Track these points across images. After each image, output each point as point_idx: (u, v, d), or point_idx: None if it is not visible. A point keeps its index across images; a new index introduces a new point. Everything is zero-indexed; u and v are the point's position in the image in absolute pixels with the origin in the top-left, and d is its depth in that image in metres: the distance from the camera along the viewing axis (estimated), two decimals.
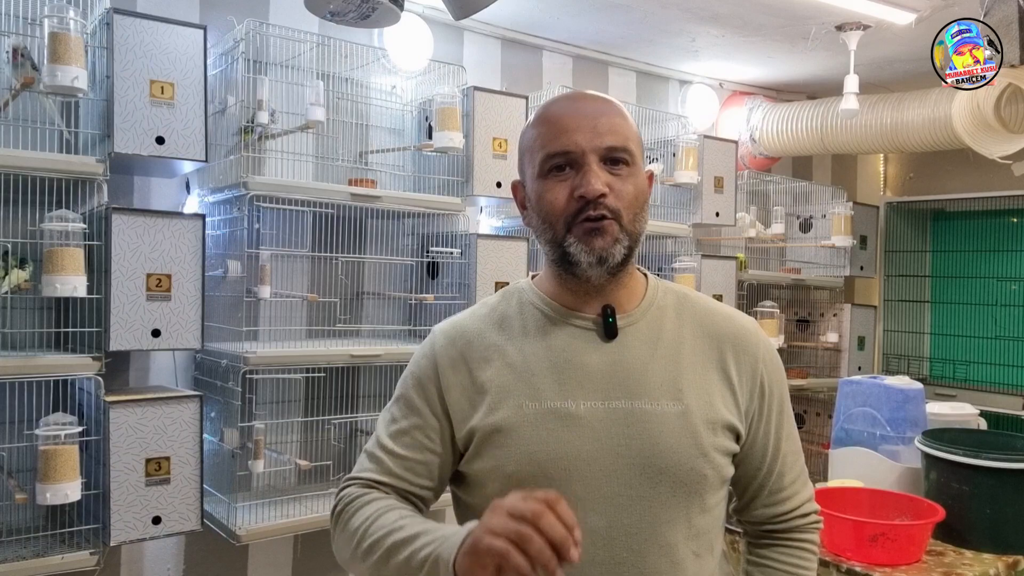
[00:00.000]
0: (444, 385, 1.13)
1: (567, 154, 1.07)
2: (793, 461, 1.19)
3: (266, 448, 2.42)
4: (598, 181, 1.05)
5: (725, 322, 1.16)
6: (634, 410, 1.06)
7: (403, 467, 1.13)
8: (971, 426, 2.42)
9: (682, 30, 3.26)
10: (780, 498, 1.18)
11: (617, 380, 1.08)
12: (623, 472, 1.05)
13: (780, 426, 1.17)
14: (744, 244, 3.90)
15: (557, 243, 1.09)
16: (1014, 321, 4.21)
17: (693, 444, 1.06)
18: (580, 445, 1.05)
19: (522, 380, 1.09)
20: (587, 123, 1.07)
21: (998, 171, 3.59)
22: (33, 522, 2.17)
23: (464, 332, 1.16)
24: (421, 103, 2.86)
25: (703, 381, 1.10)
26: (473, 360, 1.13)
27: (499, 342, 1.13)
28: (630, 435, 1.05)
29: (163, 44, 2.13)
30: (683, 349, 1.11)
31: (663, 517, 1.05)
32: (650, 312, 1.14)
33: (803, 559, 1.19)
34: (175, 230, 2.14)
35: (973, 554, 1.96)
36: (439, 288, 2.78)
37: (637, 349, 1.10)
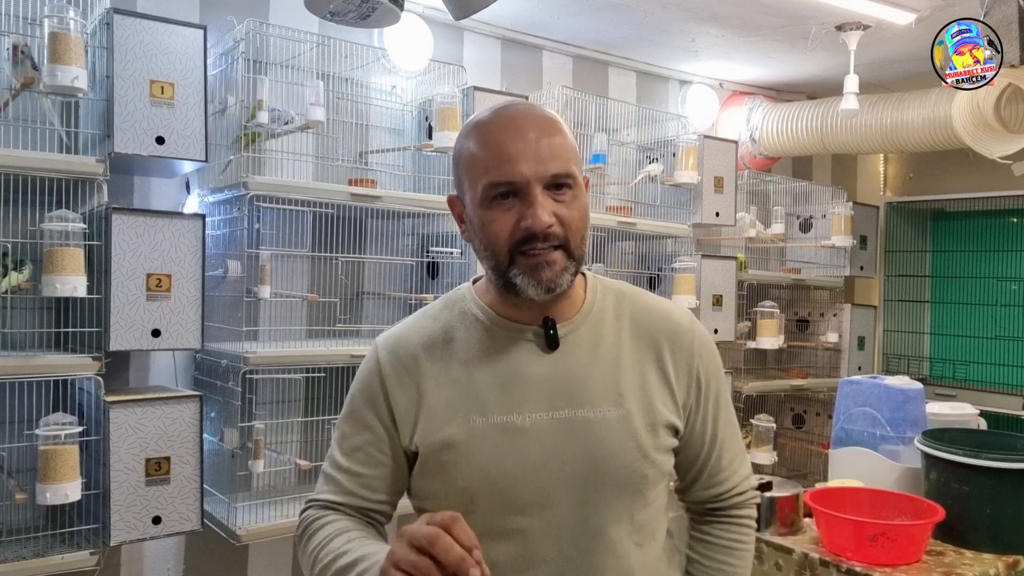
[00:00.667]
0: (392, 400, 1.14)
1: (511, 184, 1.06)
2: (731, 444, 1.23)
3: (266, 448, 2.42)
4: (545, 213, 1.05)
5: (661, 319, 1.18)
6: (577, 418, 1.10)
7: (359, 484, 1.16)
8: (971, 426, 2.41)
9: (682, 30, 3.26)
10: (719, 480, 1.23)
11: (560, 390, 1.11)
12: (569, 478, 1.08)
13: (716, 414, 1.20)
14: (744, 244, 3.90)
15: (501, 272, 1.09)
16: (1014, 321, 4.21)
17: (635, 447, 1.10)
18: (527, 456, 1.08)
19: (468, 395, 1.11)
20: (530, 149, 1.05)
21: (998, 171, 3.59)
22: (33, 522, 2.17)
23: (408, 346, 1.17)
24: (421, 103, 2.86)
25: (642, 383, 1.14)
26: (419, 374, 1.14)
27: (443, 356, 1.15)
28: (574, 443, 1.09)
29: (163, 44, 2.13)
30: (622, 353, 1.14)
31: (608, 517, 1.10)
32: (590, 317, 1.16)
33: (742, 533, 1.26)
34: (175, 230, 2.14)
35: (973, 554, 1.97)
36: (439, 288, 2.78)
37: (578, 357, 1.13)
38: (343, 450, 1.17)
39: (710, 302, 3.39)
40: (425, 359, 1.15)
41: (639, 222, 3.24)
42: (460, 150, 1.13)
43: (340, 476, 1.16)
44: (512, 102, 1.15)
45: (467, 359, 1.13)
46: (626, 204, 3.37)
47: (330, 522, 1.13)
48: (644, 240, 3.47)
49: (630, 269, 3.50)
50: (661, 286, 3.48)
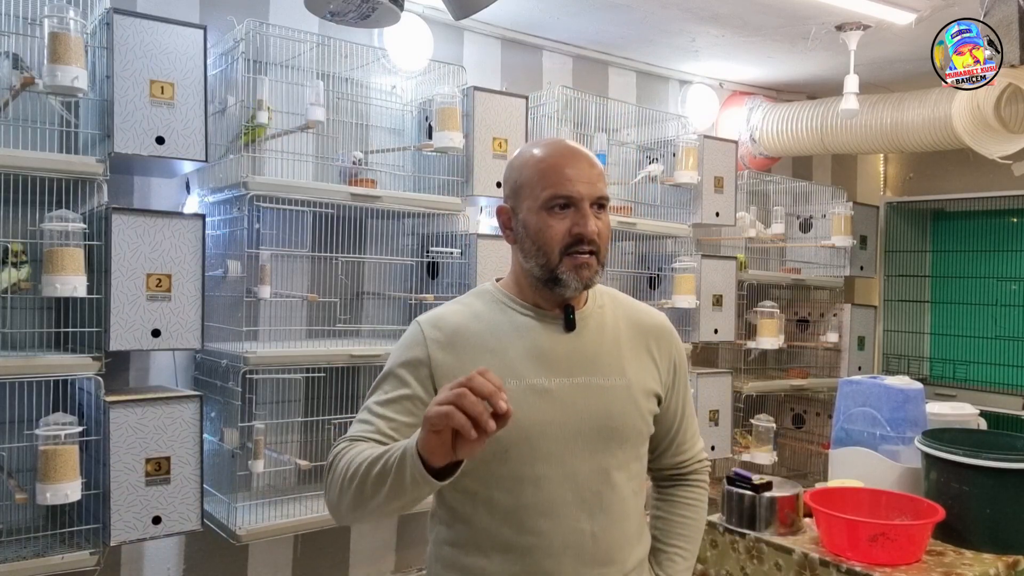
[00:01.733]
0: (435, 364, 1.33)
1: (570, 197, 1.32)
2: (691, 422, 1.53)
3: (266, 448, 2.42)
4: (593, 224, 1.33)
5: (647, 318, 1.48)
6: (591, 384, 1.36)
7: (392, 428, 1.31)
8: (971, 426, 2.41)
9: (682, 30, 3.27)
10: (683, 449, 1.52)
11: (577, 361, 1.36)
12: (585, 432, 1.33)
13: (684, 395, 1.51)
14: (744, 244, 3.90)
15: (550, 268, 1.33)
16: (1014, 321, 4.21)
17: (635, 409, 1.38)
18: (553, 413, 1.32)
19: (504, 363, 1.33)
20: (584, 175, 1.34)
21: (998, 171, 3.59)
22: (33, 522, 2.17)
23: (448, 322, 1.38)
24: (421, 103, 2.86)
25: (637, 360, 1.42)
26: (460, 346, 1.35)
27: (479, 331, 1.36)
28: (589, 404, 1.35)
29: (163, 44, 2.13)
30: (621, 337, 1.42)
31: (613, 464, 1.36)
32: (594, 310, 1.42)
33: (700, 492, 1.54)
34: (175, 230, 2.14)
35: (973, 554, 1.96)
36: (439, 288, 2.78)
37: (590, 337, 1.39)
38: (379, 401, 1.33)
39: (710, 302, 3.39)
40: (464, 333, 1.36)
41: (639, 222, 3.24)
42: (521, 169, 1.38)
43: (373, 419, 1.32)
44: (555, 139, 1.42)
45: (500, 334, 1.36)
46: (626, 204, 3.37)
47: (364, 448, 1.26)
48: (644, 240, 3.47)
49: (630, 269, 3.51)
50: (661, 286, 3.48)
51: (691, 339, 3.38)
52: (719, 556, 2.12)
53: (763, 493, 2.08)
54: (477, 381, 1.05)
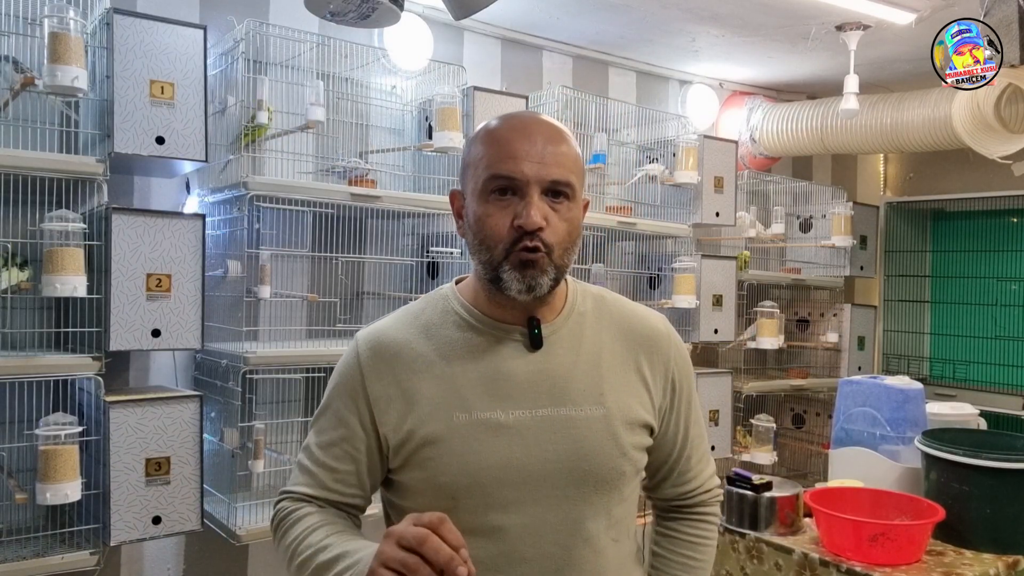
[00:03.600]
0: (371, 396, 1.15)
1: (511, 180, 1.09)
2: (698, 444, 1.28)
3: (266, 448, 2.42)
4: (538, 214, 1.08)
5: (639, 324, 1.23)
6: (559, 416, 1.12)
7: (333, 479, 1.17)
8: (971, 426, 2.41)
9: (682, 30, 3.26)
10: (687, 478, 1.27)
11: (543, 388, 1.13)
12: (551, 475, 1.11)
13: (688, 416, 1.25)
14: (744, 244, 3.90)
15: (492, 267, 1.12)
16: (1014, 321, 4.21)
17: (614, 445, 1.14)
18: (509, 453, 1.10)
19: (451, 392, 1.12)
20: (535, 151, 1.09)
21: (998, 171, 3.59)
22: (33, 522, 2.17)
23: (389, 342, 1.18)
24: (421, 103, 2.86)
25: (622, 384, 1.17)
26: (400, 371, 1.15)
27: (425, 352, 1.16)
28: (556, 440, 1.11)
29: (163, 44, 2.13)
30: (603, 354, 1.18)
31: (587, 513, 1.12)
32: (571, 319, 1.19)
33: (706, 530, 1.30)
34: (175, 230, 2.14)
35: (973, 554, 1.97)
36: None
37: (561, 357, 1.16)
38: (319, 444, 1.19)
39: (710, 302, 3.39)
40: (406, 355, 1.16)
41: (639, 222, 3.24)
42: (469, 146, 1.17)
43: (316, 469, 1.18)
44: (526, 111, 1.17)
45: (450, 356, 1.15)
46: (626, 204, 3.37)
47: (307, 515, 1.14)
48: (644, 240, 3.47)
49: (630, 269, 3.50)
50: (661, 286, 3.48)
51: (691, 339, 3.38)
52: (719, 556, 2.12)
53: (763, 493, 2.08)
54: (430, 547, 0.89)
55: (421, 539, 0.90)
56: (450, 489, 1.10)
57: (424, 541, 0.90)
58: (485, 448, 1.10)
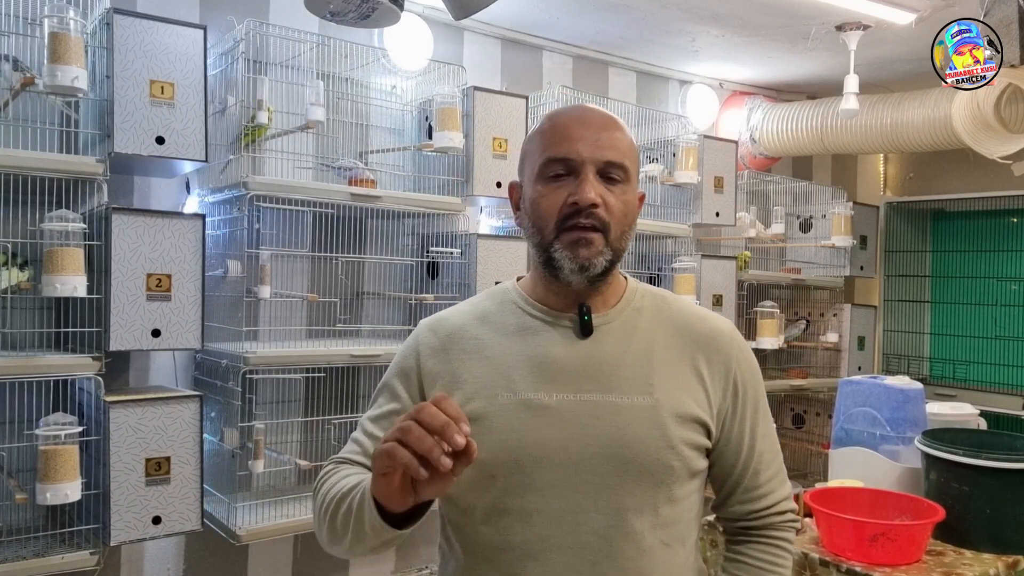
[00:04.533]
0: (424, 372, 1.19)
1: (567, 161, 1.12)
2: (770, 460, 1.22)
3: (266, 448, 2.42)
4: (592, 191, 1.10)
5: (700, 324, 1.20)
6: (604, 402, 1.11)
7: None
8: (971, 426, 2.41)
9: (682, 30, 3.26)
10: (756, 495, 1.20)
11: (589, 374, 1.13)
12: (590, 460, 1.09)
13: (755, 425, 1.20)
14: (744, 244, 3.90)
15: (544, 247, 1.14)
16: (1014, 321, 4.21)
17: (661, 436, 1.10)
18: (549, 433, 1.10)
19: (499, 373, 1.14)
20: (591, 135, 1.12)
21: (998, 171, 3.59)
22: (33, 522, 2.17)
23: (446, 325, 1.22)
24: (421, 103, 2.86)
25: (674, 376, 1.15)
26: (454, 351, 1.18)
27: (479, 335, 1.19)
28: (599, 425, 1.10)
29: (163, 44, 2.13)
30: (656, 346, 1.16)
31: (629, 504, 1.09)
32: (625, 313, 1.19)
33: (777, 555, 1.22)
34: (175, 230, 2.14)
35: (973, 554, 1.96)
36: (439, 288, 2.78)
37: (611, 346, 1.15)
38: (371, 417, 1.21)
39: (710, 302, 3.39)
40: (460, 337, 1.19)
41: (639, 222, 3.23)
42: (529, 136, 1.20)
43: (363, 438, 1.20)
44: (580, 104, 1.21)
45: (503, 340, 1.17)
46: None
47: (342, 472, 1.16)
48: (644, 240, 3.47)
49: (630, 269, 3.50)
50: (661, 286, 3.47)
51: None
52: (719, 556, 2.11)
53: None
54: (426, 412, 0.88)
55: (418, 408, 0.90)
56: (489, 466, 1.09)
57: (420, 409, 0.90)
58: (526, 427, 1.10)
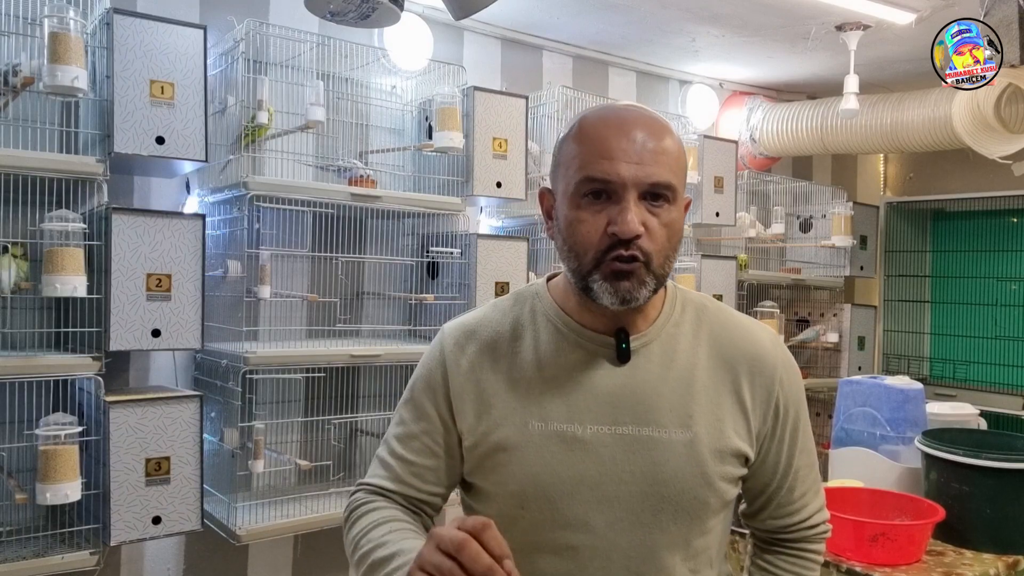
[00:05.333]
0: (452, 391, 1.12)
1: (606, 183, 1.00)
2: (805, 475, 1.16)
3: (266, 448, 2.42)
4: (635, 222, 0.99)
5: (743, 342, 1.11)
6: (641, 436, 1.05)
7: (410, 473, 1.13)
8: (971, 426, 2.41)
9: (682, 30, 3.26)
10: (789, 511, 1.16)
11: (626, 405, 1.06)
12: (626, 498, 1.04)
13: (794, 443, 1.14)
14: (744, 244, 3.90)
15: (582, 276, 1.04)
16: (1014, 321, 4.21)
17: (699, 473, 1.04)
18: (584, 469, 1.04)
19: (530, 399, 1.07)
20: (633, 151, 1.00)
21: (998, 171, 3.59)
22: (33, 522, 2.17)
23: (475, 338, 1.13)
24: (421, 103, 2.86)
25: (715, 407, 1.07)
26: (481, 369, 1.11)
27: (508, 352, 1.11)
28: (634, 461, 1.04)
29: (163, 44, 2.13)
30: (696, 373, 1.08)
31: (662, 542, 1.05)
32: (665, 330, 1.10)
33: (805, 567, 1.18)
34: (175, 230, 2.14)
35: (973, 554, 1.96)
36: (439, 288, 2.78)
37: (649, 373, 1.07)
38: (398, 437, 1.15)
39: None
40: (490, 355, 1.12)
41: None
42: (561, 142, 1.09)
43: (393, 462, 1.14)
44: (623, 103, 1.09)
45: (534, 361, 1.09)
46: None
47: (376, 508, 1.11)
48: None
49: None
50: None
51: None
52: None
53: None
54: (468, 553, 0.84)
55: (460, 544, 0.84)
56: (519, 498, 1.06)
57: (463, 547, 0.84)
58: (557, 461, 1.05)
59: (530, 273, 2.85)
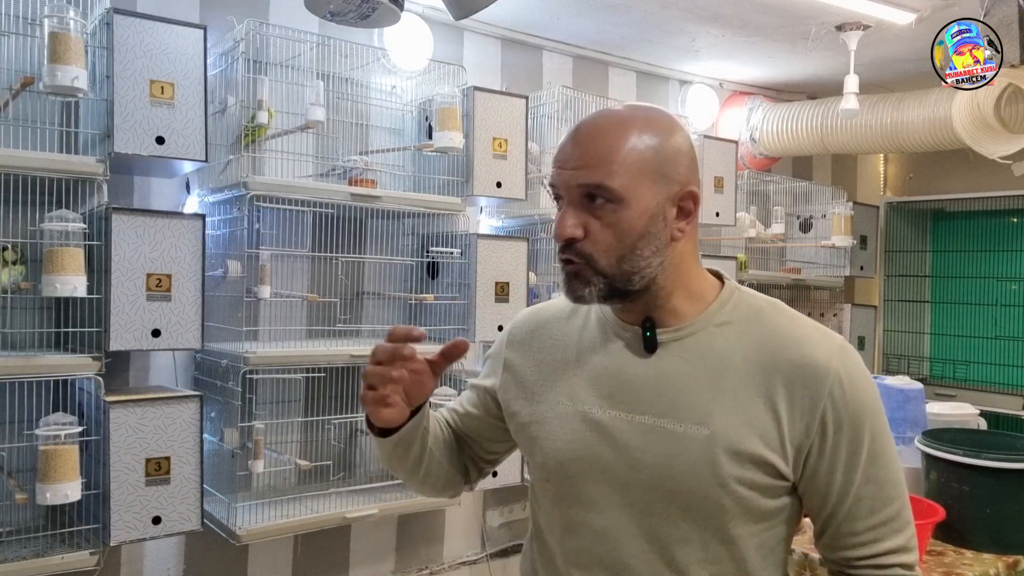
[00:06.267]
0: (506, 359, 1.23)
1: (555, 188, 1.07)
2: (875, 507, 1.06)
3: (266, 448, 2.42)
4: (563, 226, 1.04)
5: (791, 350, 1.05)
6: (657, 427, 1.05)
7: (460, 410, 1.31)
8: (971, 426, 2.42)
9: (682, 30, 3.26)
10: (851, 543, 1.07)
11: (647, 396, 1.06)
12: (636, 485, 1.05)
13: (853, 466, 1.05)
14: (744, 244, 3.90)
15: None
16: (1014, 321, 4.21)
17: (711, 472, 1.01)
18: (599, 451, 1.07)
19: (565, 378, 1.14)
20: (572, 156, 1.04)
21: (998, 171, 3.59)
22: (33, 522, 2.17)
23: (538, 317, 1.24)
24: (421, 103, 2.86)
25: (740, 409, 1.03)
26: (534, 347, 1.20)
27: (560, 336, 1.19)
28: (647, 451, 1.04)
29: (163, 44, 2.13)
30: (727, 373, 1.05)
31: (673, 536, 1.04)
32: (705, 329, 1.09)
33: None
34: (175, 230, 2.14)
35: (973, 554, 1.96)
36: (439, 288, 2.78)
37: (675, 366, 1.07)
38: (469, 387, 1.32)
39: None
40: (540, 335, 1.21)
41: None
42: None
43: (455, 404, 1.32)
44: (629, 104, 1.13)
45: (576, 345, 1.16)
46: None
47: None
48: None
49: None
50: None
51: None
52: None
53: None
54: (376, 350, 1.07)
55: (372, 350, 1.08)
56: (544, 471, 1.13)
57: (373, 351, 1.07)
58: (577, 439, 1.09)
59: (530, 273, 2.85)
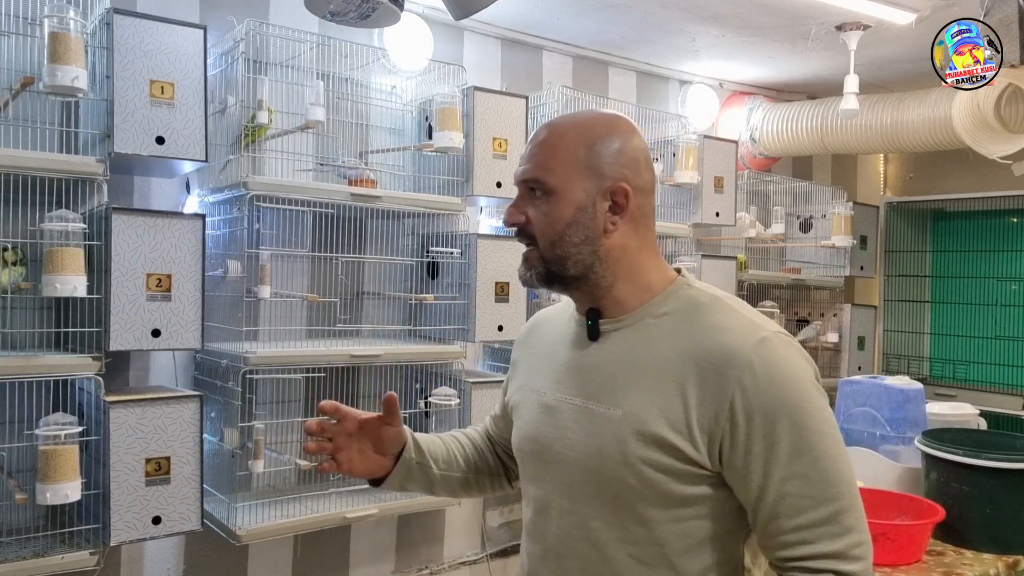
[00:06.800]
0: (513, 361, 1.38)
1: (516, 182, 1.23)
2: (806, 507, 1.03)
3: (266, 448, 2.42)
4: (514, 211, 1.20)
5: (711, 339, 1.07)
6: (584, 409, 1.16)
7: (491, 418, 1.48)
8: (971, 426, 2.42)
9: (682, 30, 3.26)
10: (779, 542, 1.05)
11: (581, 380, 1.18)
12: (566, 463, 1.16)
13: (772, 461, 1.03)
14: (744, 244, 3.90)
15: None
16: (1014, 321, 4.21)
17: (619, 451, 1.09)
18: (545, 431, 1.20)
19: (537, 369, 1.27)
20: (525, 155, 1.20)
21: (998, 171, 3.59)
22: (33, 522, 2.17)
23: (538, 318, 1.39)
24: (421, 103, 2.86)
25: (651, 392, 1.08)
26: (528, 343, 1.35)
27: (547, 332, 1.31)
28: (576, 430, 1.16)
29: (163, 44, 2.13)
30: (649, 360, 1.10)
31: (591, 513, 1.13)
32: (643, 320, 1.15)
33: None
34: (175, 230, 2.14)
35: (973, 554, 1.97)
36: (439, 288, 2.78)
37: (611, 354, 1.16)
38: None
39: None
40: (536, 332, 1.35)
41: None
42: None
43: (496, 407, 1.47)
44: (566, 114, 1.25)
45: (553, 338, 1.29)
46: None
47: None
48: None
49: None
50: None
51: None
52: None
53: None
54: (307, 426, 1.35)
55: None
56: (517, 452, 1.28)
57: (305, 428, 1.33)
58: (533, 421, 1.23)
59: None
